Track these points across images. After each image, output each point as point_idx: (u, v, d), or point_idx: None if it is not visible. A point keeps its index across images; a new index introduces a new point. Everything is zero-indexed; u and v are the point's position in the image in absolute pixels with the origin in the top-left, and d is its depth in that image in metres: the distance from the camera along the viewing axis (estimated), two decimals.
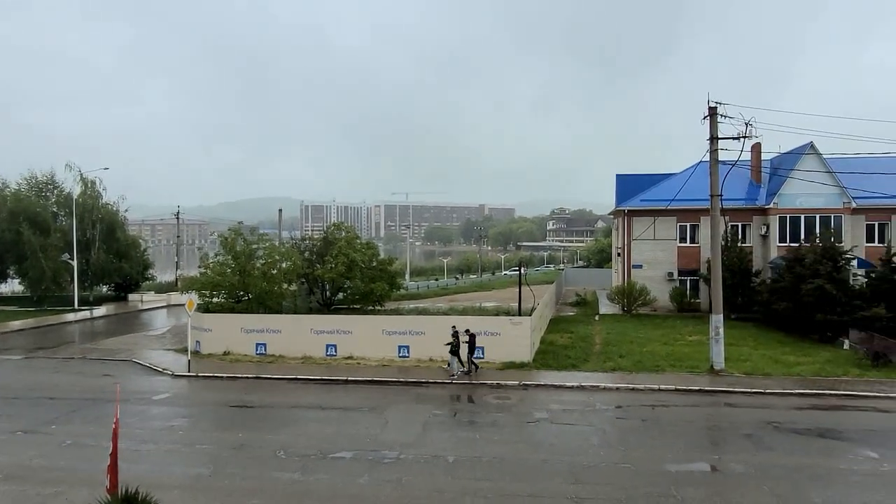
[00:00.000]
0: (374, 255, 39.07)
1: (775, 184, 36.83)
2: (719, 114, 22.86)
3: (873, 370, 22.23)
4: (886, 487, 12.61)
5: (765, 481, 12.92)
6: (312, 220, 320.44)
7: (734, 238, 36.01)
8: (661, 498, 12.12)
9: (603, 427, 16.78)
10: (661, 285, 37.91)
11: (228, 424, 17.55)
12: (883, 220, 35.82)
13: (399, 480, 13.05)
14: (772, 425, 16.71)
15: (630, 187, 41.18)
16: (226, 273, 31.60)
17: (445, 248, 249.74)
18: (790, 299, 28.58)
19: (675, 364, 23.43)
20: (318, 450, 14.86)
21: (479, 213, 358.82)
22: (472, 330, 22.86)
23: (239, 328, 26.48)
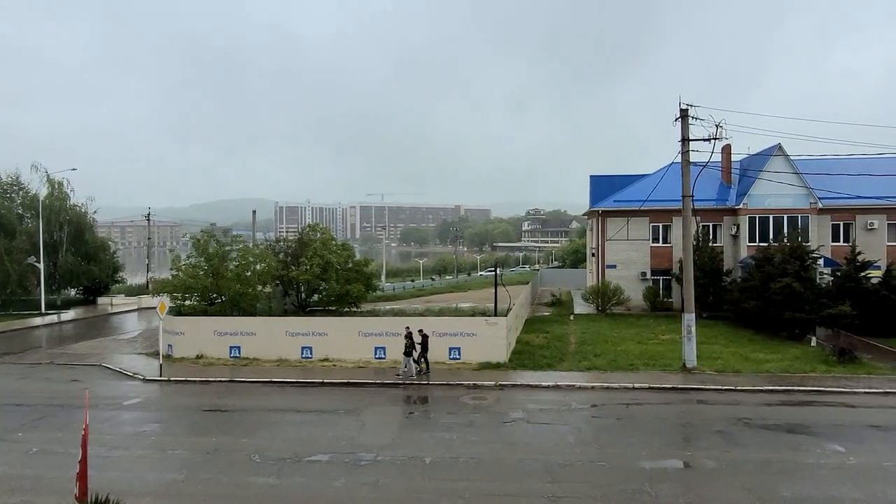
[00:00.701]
0: (350, 256, 38.87)
1: (745, 184, 37.58)
2: (690, 116, 23.24)
3: (839, 366, 22.80)
4: (853, 480, 12.94)
5: (736, 476, 13.17)
6: (287, 221, 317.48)
7: (705, 238, 36.63)
8: (635, 494, 12.28)
9: (579, 426, 16.93)
10: (634, 285, 38.40)
11: (202, 429, 17.29)
12: (847, 220, 36.78)
13: (376, 482, 13.00)
14: (742, 421, 17.04)
15: (604, 188, 41.65)
16: (198, 275, 31.13)
17: (421, 249, 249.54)
18: (759, 298, 29.17)
19: (649, 362, 23.74)
20: (293, 453, 14.72)
21: (455, 214, 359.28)
22: (426, 331, 22.90)
23: (212, 331, 26.12)
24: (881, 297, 28.79)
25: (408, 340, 22.09)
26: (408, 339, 22.13)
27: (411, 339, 22.16)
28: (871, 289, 29.20)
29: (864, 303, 28.35)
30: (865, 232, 36.10)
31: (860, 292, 28.86)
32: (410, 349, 22.04)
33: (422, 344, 22.47)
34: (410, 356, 22.06)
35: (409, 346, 22.04)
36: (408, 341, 22.08)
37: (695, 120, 23.18)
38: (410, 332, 22.37)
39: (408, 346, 22.03)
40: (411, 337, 22.22)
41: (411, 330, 22.46)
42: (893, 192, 35.24)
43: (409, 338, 22.16)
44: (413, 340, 22.20)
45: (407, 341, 22.08)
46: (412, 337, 22.24)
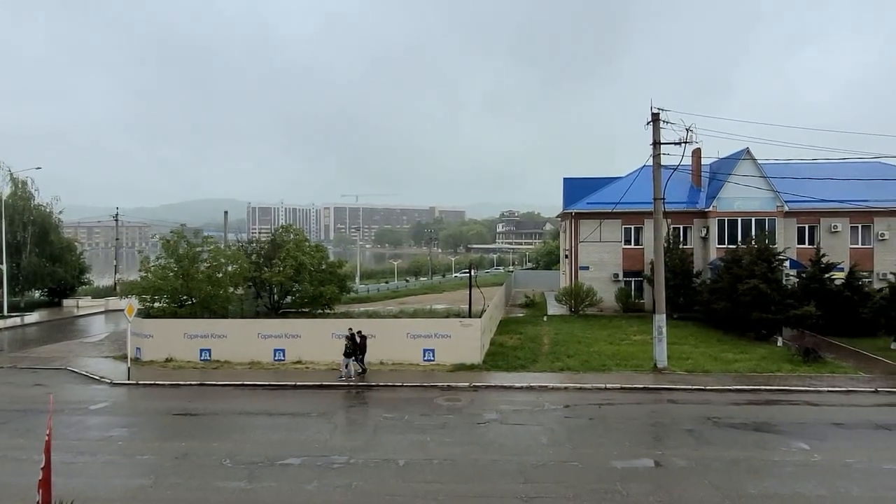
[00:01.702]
0: (324, 257, 38.53)
1: (714, 188, 38.28)
2: (662, 120, 23.61)
3: (804, 366, 23.36)
4: (817, 477, 13.27)
5: (705, 475, 13.40)
6: (260, 222, 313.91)
7: (676, 240, 37.23)
8: (607, 494, 12.41)
9: (552, 426, 17.04)
10: (607, 286, 38.83)
11: (171, 433, 16.97)
12: (812, 222, 37.72)
13: (349, 485, 12.91)
14: (711, 420, 17.35)
15: (577, 190, 42.07)
16: (168, 277, 30.57)
17: (396, 250, 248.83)
18: (728, 299, 29.74)
19: (621, 363, 24.03)
20: (265, 457, 14.55)
21: (429, 216, 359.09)
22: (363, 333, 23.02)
23: (182, 333, 25.70)
24: (844, 298, 29.60)
25: (348, 342, 22.30)
26: (349, 340, 22.35)
27: (353, 341, 22.37)
28: (834, 290, 29.99)
29: (828, 303, 29.10)
30: (829, 234, 37.07)
31: (824, 293, 29.62)
32: (352, 350, 22.27)
33: (360, 345, 22.64)
34: (350, 357, 22.27)
35: (350, 347, 22.26)
36: (348, 343, 22.29)
37: (666, 124, 23.57)
38: (353, 333, 22.61)
39: (348, 347, 22.26)
40: (353, 339, 22.46)
41: (354, 332, 22.70)
42: (856, 196, 36.22)
43: (351, 339, 22.39)
44: (355, 342, 22.43)
45: (347, 343, 22.30)
46: (354, 339, 22.50)
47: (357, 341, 22.54)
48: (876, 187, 36.94)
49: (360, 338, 22.79)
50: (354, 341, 22.44)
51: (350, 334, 22.55)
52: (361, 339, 22.80)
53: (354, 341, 22.44)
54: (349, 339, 22.37)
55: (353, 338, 22.47)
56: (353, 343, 22.38)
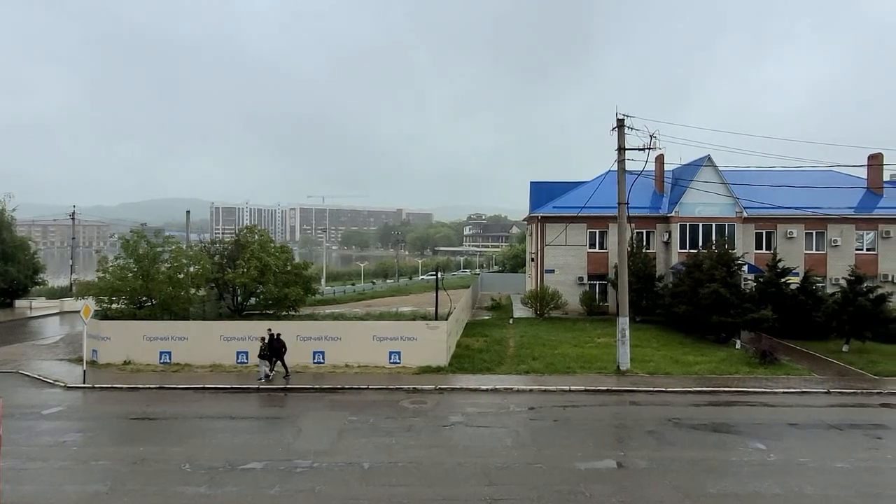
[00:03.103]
0: (289, 259, 38.04)
1: (677, 193, 39.08)
2: (627, 126, 24.01)
3: (761, 368, 24.00)
4: (773, 476, 13.64)
5: (666, 475, 13.64)
6: (223, 222, 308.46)
7: (640, 244, 37.85)
8: (570, 495, 12.53)
9: (516, 428, 17.13)
10: (571, 289, 39.26)
11: (128, 438, 16.52)
12: (769, 228, 38.82)
13: (312, 490, 12.76)
14: (672, 422, 17.68)
15: (543, 194, 42.45)
16: (127, 277, 29.78)
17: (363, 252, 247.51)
18: (689, 302, 30.37)
19: (585, 365, 24.32)
20: (226, 461, 14.28)
21: (396, 218, 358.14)
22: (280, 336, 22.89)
23: (141, 336, 25.07)
24: (799, 301, 30.53)
25: (263, 344, 22.24)
26: (263, 341, 22.30)
27: (266, 342, 22.29)
28: (790, 294, 30.90)
29: (784, 307, 29.96)
30: (786, 240, 38.19)
31: (780, 297, 30.49)
32: (267, 352, 22.18)
33: (276, 348, 22.51)
34: (266, 359, 22.19)
35: (265, 349, 22.16)
36: (263, 344, 22.22)
37: (630, 130, 23.98)
38: (272, 335, 22.57)
39: (262, 349, 22.15)
40: (267, 341, 22.37)
41: (274, 334, 22.65)
42: (811, 203, 37.45)
43: (264, 340, 22.32)
44: (271, 344, 22.38)
45: (262, 344, 22.22)
46: (273, 341, 22.45)
47: (274, 344, 22.49)
48: (829, 195, 38.22)
49: (278, 340, 22.67)
50: (271, 343, 22.40)
51: (269, 336, 22.50)
52: (279, 341, 22.68)
53: (271, 343, 22.40)
54: (263, 341, 22.30)
55: (272, 340, 22.45)
56: (270, 345, 22.34)
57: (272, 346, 22.48)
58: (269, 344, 22.43)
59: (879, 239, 38.37)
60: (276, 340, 22.62)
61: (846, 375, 23.40)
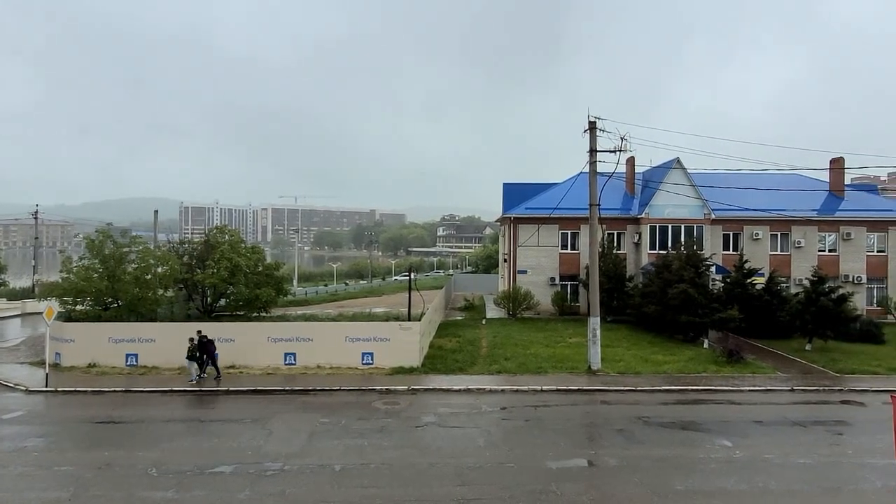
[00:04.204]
0: (260, 259, 37.57)
1: (647, 195, 39.68)
2: (598, 128, 24.27)
3: (728, 366, 24.49)
4: (738, 473, 13.92)
5: (635, 473, 13.83)
6: (193, 222, 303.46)
7: (610, 245, 38.33)
8: (542, 494, 12.61)
9: (489, 428, 17.19)
10: (544, 290, 39.55)
11: (93, 443, 16.12)
12: (736, 230, 39.66)
13: (283, 493, 12.62)
14: (642, 420, 17.93)
15: (516, 195, 42.71)
16: (92, 278, 29.11)
17: (335, 253, 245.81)
18: (659, 302, 30.85)
19: (557, 365, 24.51)
20: (194, 465, 14.04)
21: (370, 219, 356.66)
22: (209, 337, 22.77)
23: (107, 338, 24.50)
24: (764, 301, 31.25)
25: (191, 345, 22.09)
26: (192, 343, 22.14)
27: (195, 344, 22.13)
28: (755, 294, 31.62)
29: (749, 307, 30.64)
30: (752, 242, 39.06)
31: (747, 297, 31.17)
32: (195, 354, 22.03)
33: (207, 350, 22.37)
34: (194, 360, 22.04)
35: (193, 350, 22.02)
36: (191, 346, 22.07)
37: (602, 132, 24.27)
38: (201, 337, 22.41)
39: (190, 350, 22.02)
40: (196, 342, 22.19)
41: (201, 335, 22.48)
42: (776, 206, 38.37)
43: (192, 341, 22.17)
44: (202, 345, 22.24)
45: (191, 346, 22.08)
46: (202, 343, 22.30)
47: (206, 345, 22.32)
48: (793, 198, 39.22)
49: (208, 341, 22.48)
50: (202, 345, 22.23)
51: (199, 338, 22.29)
52: (209, 342, 22.49)
53: (202, 345, 22.23)
54: (192, 342, 22.11)
55: (201, 342, 22.26)
56: (201, 346, 22.19)
57: (202, 347, 22.28)
58: (200, 345, 22.23)
59: (841, 240, 39.49)
60: (206, 342, 22.42)
61: (809, 373, 24.02)
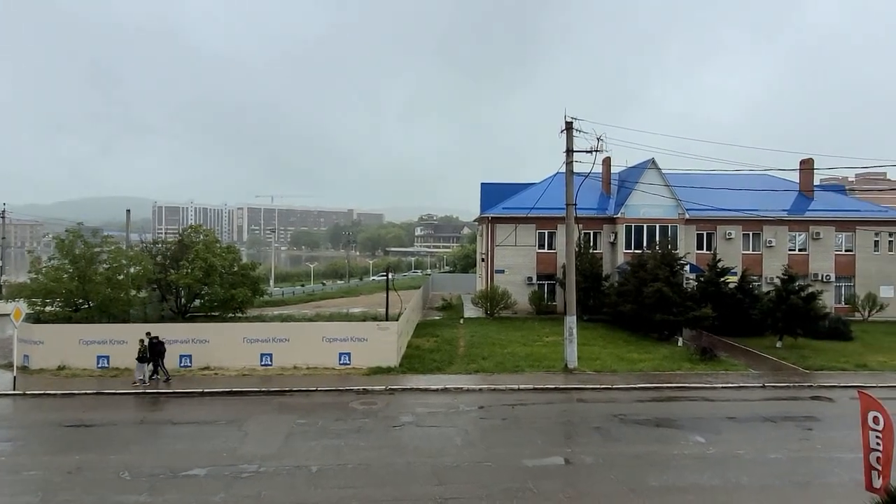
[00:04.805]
0: (236, 259, 37.12)
1: (623, 195, 40.09)
2: (575, 129, 24.46)
3: (702, 364, 24.88)
4: (711, 468, 14.15)
5: (611, 470, 13.97)
6: (167, 222, 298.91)
7: (587, 245, 38.65)
8: (519, 492, 12.68)
9: (466, 428, 17.22)
10: (521, 289, 39.73)
11: (63, 446, 15.78)
12: (710, 230, 40.28)
13: (258, 495, 12.50)
14: (618, 418, 18.12)
15: (494, 195, 42.83)
16: (62, 279, 28.50)
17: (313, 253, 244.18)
18: (634, 301, 31.20)
19: (534, 364, 24.65)
20: (168, 468, 13.83)
21: (347, 218, 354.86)
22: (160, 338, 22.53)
23: (77, 339, 23.99)
24: (737, 300, 31.79)
25: (141, 346, 21.85)
26: (141, 344, 21.88)
27: (145, 346, 21.89)
28: (728, 293, 32.15)
29: (723, 305, 31.15)
30: (725, 241, 39.70)
31: (720, 296, 31.68)
32: (145, 355, 21.78)
33: (157, 351, 22.16)
34: (144, 362, 21.79)
35: (142, 352, 21.79)
36: (141, 347, 21.84)
37: (579, 133, 24.46)
38: (151, 339, 22.16)
39: (140, 352, 21.78)
40: (147, 344, 21.96)
41: (151, 337, 22.22)
42: (748, 206, 39.06)
43: (142, 343, 21.92)
44: (153, 347, 22.01)
45: (141, 347, 21.84)
46: (153, 344, 22.07)
47: (155, 346, 22.08)
48: (765, 198, 39.97)
49: (158, 343, 22.25)
50: (153, 346, 21.99)
51: (150, 339, 22.04)
52: (159, 343, 22.26)
53: (153, 346, 21.99)
54: (142, 343, 21.85)
55: (152, 343, 22.02)
56: (152, 348, 21.94)
57: (153, 349, 22.01)
58: (151, 347, 21.94)
59: (810, 240, 40.35)
60: (156, 343, 22.17)
61: (780, 370, 24.50)
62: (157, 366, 22.27)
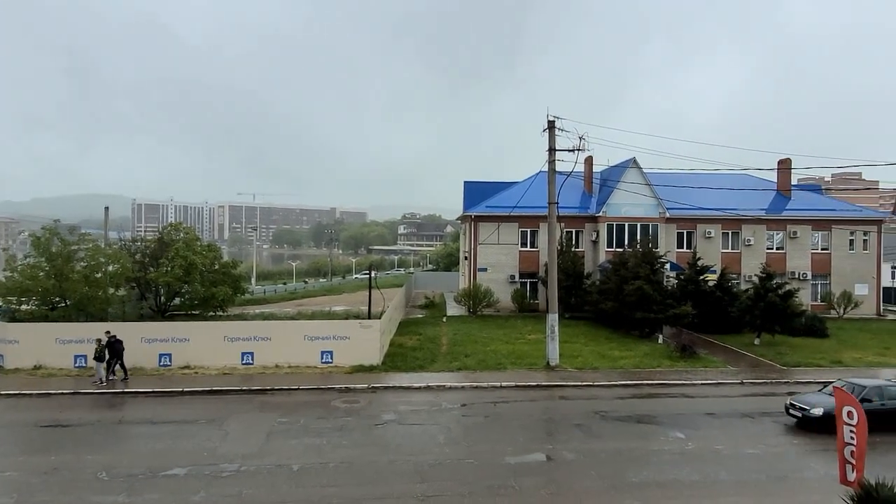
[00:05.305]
0: (217, 257, 36.76)
1: (604, 194, 40.40)
2: (557, 128, 24.58)
3: (681, 361, 25.16)
4: (691, 463, 14.33)
5: (593, 466, 14.09)
6: (146, 220, 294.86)
7: (569, 243, 38.87)
8: (501, 489, 12.74)
9: (449, 425, 17.25)
10: (503, 287, 39.87)
11: (39, 447, 15.53)
12: (690, 228, 40.73)
13: (239, 494, 12.42)
14: (599, 414, 18.27)
15: (477, 194, 42.92)
16: (38, 277, 28.04)
17: (295, 251, 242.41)
18: (616, 299, 31.46)
19: (516, 361, 24.75)
20: (147, 468, 13.68)
21: (330, 217, 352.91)
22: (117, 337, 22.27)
23: (54, 339, 23.59)
24: (716, 298, 32.18)
25: (98, 346, 21.62)
26: (98, 343, 21.66)
27: (110, 346, 21.71)
28: (708, 291, 32.54)
29: (702, 303, 31.53)
30: (704, 240, 40.18)
31: (699, 294, 32.06)
32: (102, 355, 21.54)
33: (115, 350, 21.92)
34: (101, 361, 21.54)
35: (99, 351, 21.55)
36: (98, 347, 21.61)
37: (561, 132, 24.59)
38: (110, 338, 21.93)
39: (97, 351, 21.55)
40: (109, 343, 21.77)
41: (109, 336, 21.99)
42: (727, 205, 39.55)
43: (99, 342, 21.69)
44: (112, 346, 21.80)
45: (97, 347, 21.61)
46: (111, 343, 21.85)
47: (114, 345, 21.83)
48: (744, 197, 40.50)
49: (117, 341, 22.01)
50: (111, 345, 21.76)
51: (109, 339, 21.80)
52: (118, 342, 22.02)
53: (111, 345, 21.76)
54: (99, 343, 21.60)
55: (110, 342, 21.78)
56: (111, 347, 21.72)
57: (112, 348, 21.73)
58: (110, 346, 21.66)
59: (788, 239, 40.98)
60: (114, 342, 21.89)
61: (758, 367, 24.87)
62: (115, 365, 21.92)
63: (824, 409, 16.28)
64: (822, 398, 17.03)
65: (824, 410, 16.23)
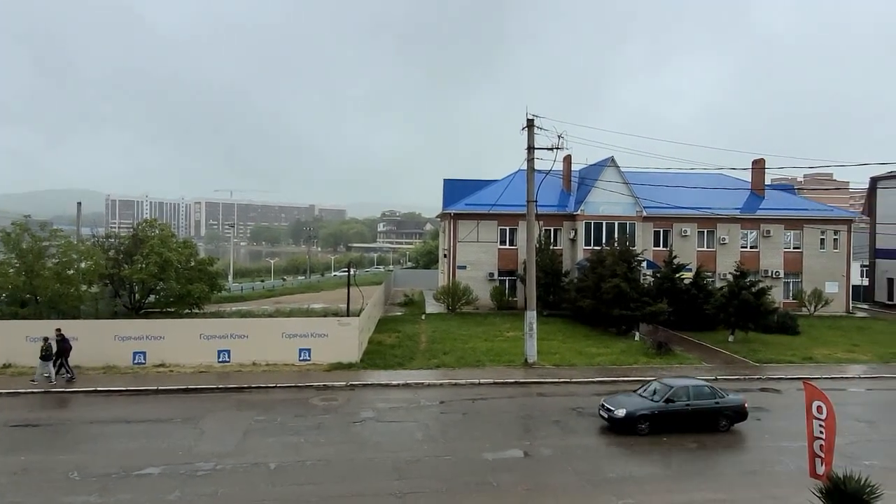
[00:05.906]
0: (193, 254, 36.27)
1: (582, 192, 40.70)
2: (536, 126, 24.70)
3: (658, 358, 25.48)
4: (665, 458, 14.52)
5: (570, 462, 14.22)
6: (121, 216, 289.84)
7: (547, 241, 39.10)
8: (479, 486, 12.80)
9: (427, 422, 17.27)
10: (482, 285, 39.98)
11: (8, 447, 15.19)
12: (666, 227, 41.23)
13: (215, 493, 12.30)
14: (576, 411, 18.43)
15: (456, 192, 42.94)
16: (8, 273, 27.45)
17: (273, 248, 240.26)
18: (593, 297, 31.73)
19: (495, 359, 24.85)
20: (120, 467, 13.48)
21: (309, 214, 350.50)
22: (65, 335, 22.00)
23: (24, 337, 23.07)
24: (691, 295, 32.64)
25: (44, 344, 21.31)
26: (45, 342, 21.34)
27: (48, 343, 21.38)
28: (683, 288, 32.98)
29: (678, 301, 31.95)
30: (680, 238, 40.70)
31: (675, 291, 32.49)
32: (49, 353, 21.26)
33: (65, 349, 21.64)
34: (49, 360, 21.26)
35: (45, 350, 21.26)
36: (44, 345, 21.30)
37: (540, 130, 24.70)
38: (60, 336, 21.64)
39: (43, 350, 21.25)
40: (52, 341, 21.46)
41: (58, 334, 21.68)
42: (703, 204, 40.12)
43: (46, 341, 21.39)
44: (60, 345, 21.51)
45: (44, 346, 21.30)
46: (60, 341, 21.55)
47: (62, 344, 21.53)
48: (718, 196, 41.09)
49: (65, 340, 21.72)
50: (60, 343, 21.47)
51: (58, 336, 21.51)
52: (65, 341, 21.71)
53: (60, 343, 21.47)
54: (45, 341, 21.28)
55: (58, 340, 21.47)
56: (59, 345, 21.42)
57: (60, 346, 21.39)
58: (59, 344, 21.33)
59: (761, 237, 41.71)
60: (63, 341, 21.58)
61: (731, 363, 25.29)
62: (61, 364, 21.50)
63: (626, 410, 16.29)
64: (630, 399, 16.97)
65: (626, 412, 16.24)
